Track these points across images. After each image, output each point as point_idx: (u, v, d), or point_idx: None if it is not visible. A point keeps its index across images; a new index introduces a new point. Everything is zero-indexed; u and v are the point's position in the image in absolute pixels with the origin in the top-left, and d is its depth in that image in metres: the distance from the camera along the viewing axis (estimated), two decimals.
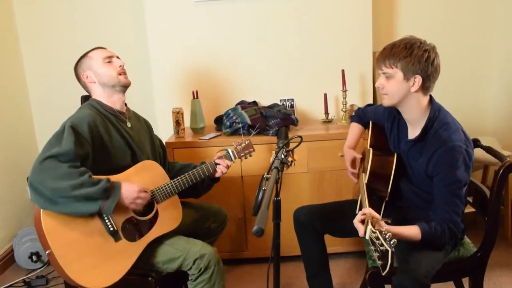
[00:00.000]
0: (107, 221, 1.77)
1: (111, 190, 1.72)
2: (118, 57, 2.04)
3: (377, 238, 1.40)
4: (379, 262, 1.39)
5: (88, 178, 1.68)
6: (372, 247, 1.43)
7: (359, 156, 2.11)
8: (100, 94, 1.98)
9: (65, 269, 1.67)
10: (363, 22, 2.97)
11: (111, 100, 1.99)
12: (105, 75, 1.96)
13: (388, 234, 1.39)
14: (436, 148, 1.70)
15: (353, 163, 2.13)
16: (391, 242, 1.36)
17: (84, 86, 2.02)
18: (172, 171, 2.23)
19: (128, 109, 2.10)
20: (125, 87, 2.01)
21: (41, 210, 1.68)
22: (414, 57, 1.66)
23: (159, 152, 2.21)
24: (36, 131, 3.33)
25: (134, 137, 2.00)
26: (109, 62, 1.98)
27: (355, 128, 2.22)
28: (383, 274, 1.37)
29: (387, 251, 1.35)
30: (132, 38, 3.17)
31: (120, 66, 1.99)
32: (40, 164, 1.66)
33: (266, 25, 2.99)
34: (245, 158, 2.20)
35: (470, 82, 3.29)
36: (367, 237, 1.47)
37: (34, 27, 3.17)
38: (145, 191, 1.84)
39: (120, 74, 1.98)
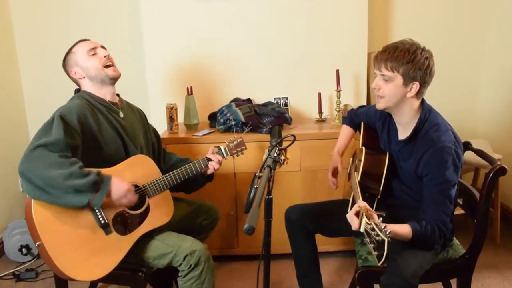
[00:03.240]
0: (98, 214, 1.76)
1: (100, 183, 1.70)
2: (103, 47, 2.00)
3: (373, 229, 1.43)
4: (375, 253, 1.40)
5: (78, 169, 1.66)
6: (367, 239, 1.45)
7: (341, 168, 2.14)
8: (90, 87, 1.97)
9: (54, 261, 1.66)
10: (358, 23, 2.98)
11: (102, 92, 1.97)
12: (92, 69, 1.94)
13: (383, 225, 1.42)
14: (426, 149, 1.72)
15: (334, 171, 2.15)
16: (387, 232, 1.39)
17: (75, 81, 2.00)
18: (168, 163, 2.22)
19: (120, 99, 2.08)
20: (114, 79, 1.98)
21: (33, 201, 1.66)
22: (416, 64, 1.67)
23: (153, 142, 2.20)
24: (29, 124, 3.31)
25: (127, 127, 1.99)
26: (93, 54, 1.95)
27: (346, 131, 2.24)
28: (379, 264, 1.39)
29: (383, 240, 1.38)
30: (127, 33, 3.15)
31: (105, 56, 1.96)
32: (30, 153, 1.64)
33: (262, 23, 2.99)
34: (237, 155, 2.21)
35: (462, 85, 3.32)
36: (362, 229, 1.49)
37: (29, 22, 3.14)
38: (133, 193, 1.81)
39: (106, 67, 1.95)
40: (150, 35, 3.00)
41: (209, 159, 2.11)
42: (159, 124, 2.91)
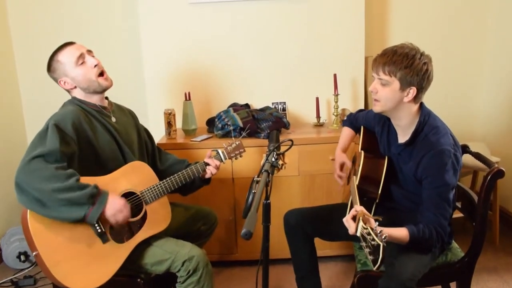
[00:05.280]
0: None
1: (97, 196, 1.70)
2: (89, 51, 1.94)
3: (369, 234, 1.43)
4: (370, 257, 1.40)
5: (75, 182, 1.65)
6: (363, 243, 1.45)
7: (349, 163, 2.12)
8: (80, 95, 1.94)
9: (51, 271, 1.66)
10: (356, 27, 2.99)
11: (92, 99, 1.95)
12: (84, 81, 1.89)
13: (379, 230, 1.42)
14: (425, 152, 1.72)
15: (341, 167, 2.14)
16: (383, 237, 1.39)
17: (65, 90, 1.97)
18: (165, 163, 2.21)
19: (110, 102, 2.05)
20: (106, 89, 1.96)
21: (28, 211, 1.66)
22: (413, 69, 1.66)
23: (146, 142, 2.18)
24: (27, 129, 3.31)
25: (121, 131, 1.97)
26: (82, 63, 1.89)
27: (347, 131, 2.23)
28: (374, 268, 1.39)
29: (378, 245, 1.37)
30: (125, 39, 3.16)
31: (96, 66, 1.90)
32: (26, 164, 1.63)
33: (260, 29, 3.00)
34: (235, 158, 2.20)
35: (460, 88, 3.33)
36: (358, 233, 1.49)
37: (27, 26, 3.14)
38: (128, 209, 1.79)
39: (99, 76, 1.91)
40: (148, 41, 3.00)
41: (207, 164, 2.11)
42: (157, 130, 2.92)
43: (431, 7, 3.19)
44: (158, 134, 2.87)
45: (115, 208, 1.73)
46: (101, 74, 1.94)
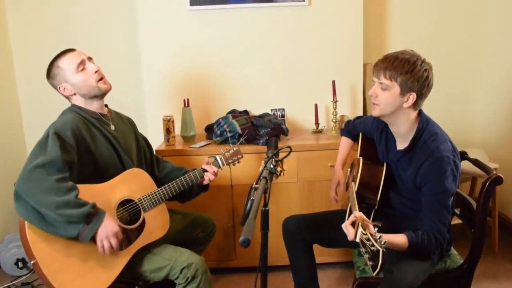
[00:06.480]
0: None
1: (93, 216, 1.69)
2: (90, 58, 1.95)
3: (368, 239, 1.43)
4: (370, 263, 1.40)
5: (74, 198, 1.64)
6: (363, 249, 1.45)
7: (343, 185, 2.16)
8: (80, 102, 1.94)
9: (50, 280, 1.65)
10: (354, 34, 3.00)
11: (92, 106, 1.95)
12: (84, 86, 1.89)
13: (379, 236, 1.42)
14: (424, 159, 1.73)
15: (337, 187, 2.17)
16: (382, 243, 1.38)
17: (64, 96, 1.97)
18: (163, 171, 2.21)
19: (109, 110, 2.06)
20: (106, 93, 1.96)
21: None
22: (414, 75, 1.67)
23: (144, 150, 2.18)
24: (25, 134, 3.30)
25: (120, 139, 1.97)
26: (82, 69, 1.89)
27: (345, 142, 2.25)
28: (374, 274, 1.39)
29: (378, 251, 1.37)
30: (125, 46, 3.16)
31: (96, 72, 1.91)
32: (27, 174, 1.63)
33: (258, 35, 3.01)
34: (233, 164, 2.20)
35: (459, 95, 3.33)
36: (357, 239, 1.48)
37: (26, 30, 3.15)
38: (119, 238, 1.76)
39: (98, 81, 1.91)
40: (147, 47, 3.01)
41: (204, 170, 2.11)
42: (156, 136, 2.92)
43: (429, 14, 3.20)
44: (157, 141, 2.87)
45: (108, 232, 1.71)
46: (101, 79, 1.94)
